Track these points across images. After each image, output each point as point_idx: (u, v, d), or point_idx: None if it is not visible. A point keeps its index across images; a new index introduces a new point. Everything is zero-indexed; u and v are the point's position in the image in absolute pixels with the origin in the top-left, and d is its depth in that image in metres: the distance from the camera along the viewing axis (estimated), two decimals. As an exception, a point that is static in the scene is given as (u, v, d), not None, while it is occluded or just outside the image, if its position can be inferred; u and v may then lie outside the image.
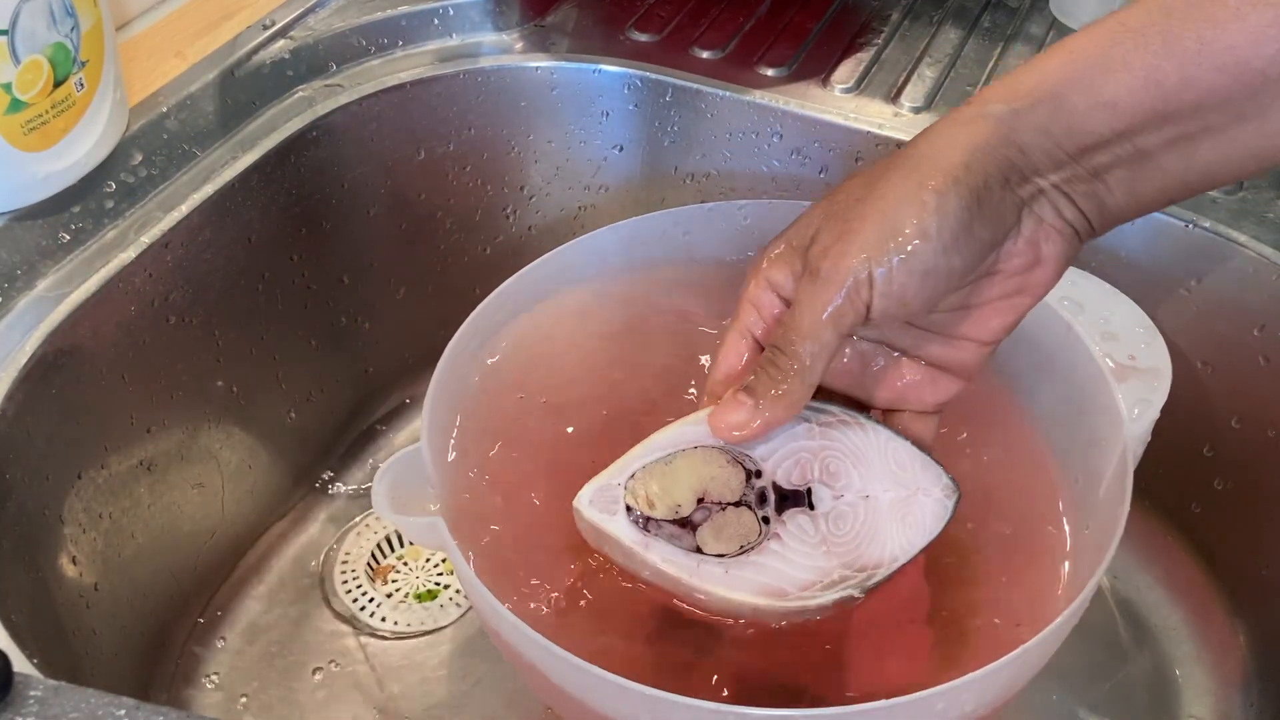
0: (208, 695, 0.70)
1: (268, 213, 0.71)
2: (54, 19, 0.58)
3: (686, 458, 0.49)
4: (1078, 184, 0.46)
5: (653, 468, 0.49)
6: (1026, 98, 0.45)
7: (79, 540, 0.62)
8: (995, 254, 0.46)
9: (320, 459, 0.81)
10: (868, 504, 0.50)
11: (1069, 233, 0.47)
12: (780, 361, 0.47)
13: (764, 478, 0.50)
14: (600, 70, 0.78)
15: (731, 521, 0.49)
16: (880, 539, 0.49)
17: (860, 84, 0.76)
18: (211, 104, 0.70)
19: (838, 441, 0.50)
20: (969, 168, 0.44)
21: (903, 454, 0.51)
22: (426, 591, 0.75)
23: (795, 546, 0.49)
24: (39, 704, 0.39)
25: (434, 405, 0.54)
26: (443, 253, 0.82)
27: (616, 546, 0.49)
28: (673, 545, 0.48)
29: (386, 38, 0.78)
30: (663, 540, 0.48)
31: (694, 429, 0.50)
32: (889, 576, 0.49)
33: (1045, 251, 0.47)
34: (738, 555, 0.48)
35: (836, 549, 0.49)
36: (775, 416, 0.47)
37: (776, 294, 0.49)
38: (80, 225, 0.63)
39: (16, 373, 0.58)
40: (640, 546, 0.48)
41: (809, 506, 0.49)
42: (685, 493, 0.49)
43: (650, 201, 0.82)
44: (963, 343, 0.50)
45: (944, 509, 0.50)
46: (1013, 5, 0.82)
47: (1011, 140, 0.45)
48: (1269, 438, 0.67)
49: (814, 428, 0.50)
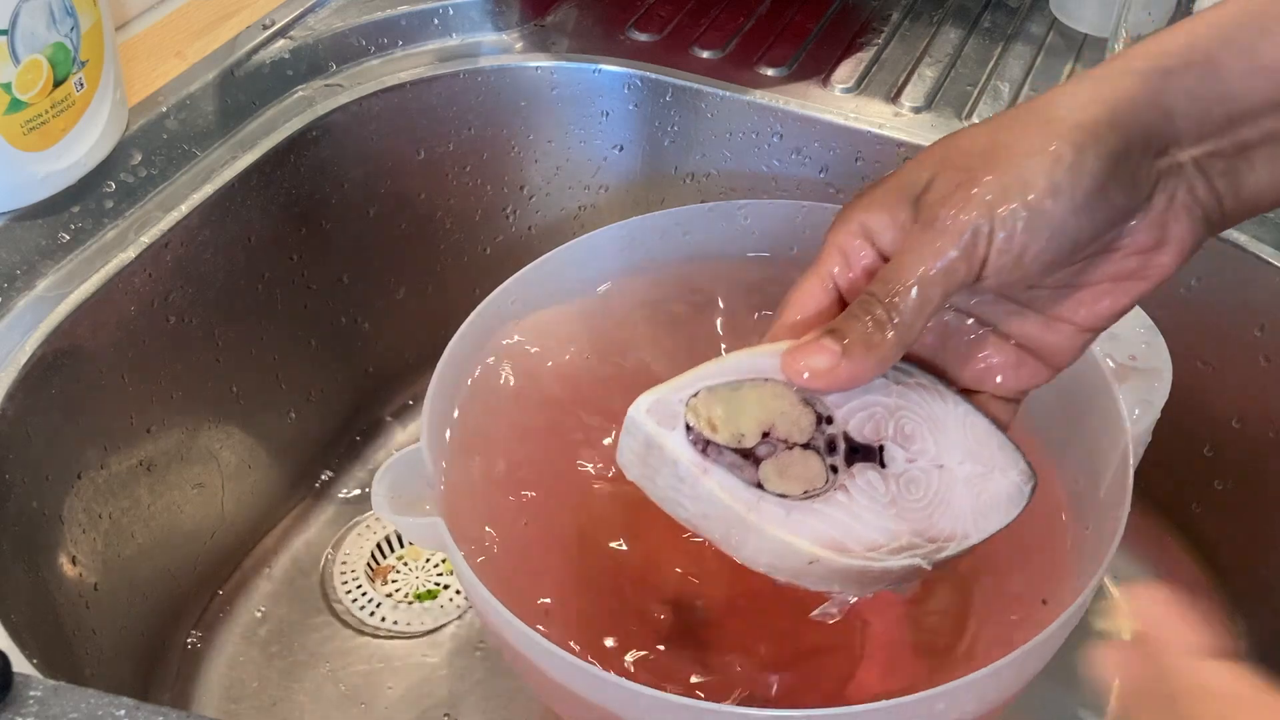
0: (208, 695, 0.70)
1: (267, 213, 0.71)
2: (54, 19, 0.58)
3: (755, 388, 0.45)
4: (1217, 161, 0.42)
5: (718, 391, 0.45)
6: (1177, 57, 0.41)
7: (79, 540, 0.62)
8: (1119, 229, 0.43)
9: (320, 459, 0.81)
10: (942, 474, 0.46)
11: (1199, 215, 0.43)
12: (876, 312, 0.42)
13: (835, 425, 0.45)
14: (600, 70, 0.78)
15: (798, 462, 0.45)
16: (953, 512, 0.46)
17: (860, 84, 0.76)
18: (211, 104, 0.70)
19: (915, 404, 0.46)
20: (1112, 126, 0.41)
21: (981, 430, 0.47)
22: (426, 591, 0.75)
23: (863, 503, 0.45)
24: (38, 704, 0.39)
25: (434, 405, 0.54)
26: (443, 253, 0.82)
27: (667, 467, 0.44)
28: (733, 475, 0.44)
29: (386, 37, 0.78)
30: (722, 467, 0.44)
31: (766, 360, 0.45)
32: (959, 554, 0.46)
33: (1172, 233, 0.43)
34: (801, 499, 0.44)
35: (907, 514, 0.45)
36: (859, 370, 0.43)
37: (870, 242, 0.45)
38: (80, 225, 0.63)
39: (16, 373, 0.58)
40: (697, 469, 0.43)
41: (880, 464, 0.45)
42: (750, 423, 0.45)
43: (650, 201, 0.82)
44: (1062, 325, 0.45)
45: (1021, 494, 0.47)
46: (1013, 5, 0.82)
47: (1158, 103, 0.41)
48: (1269, 438, 0.67)
49: (890, 385, 0.46)
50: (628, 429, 0.45)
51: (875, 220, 0.44)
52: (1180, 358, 0.57)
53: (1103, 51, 0.74)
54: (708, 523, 0.44)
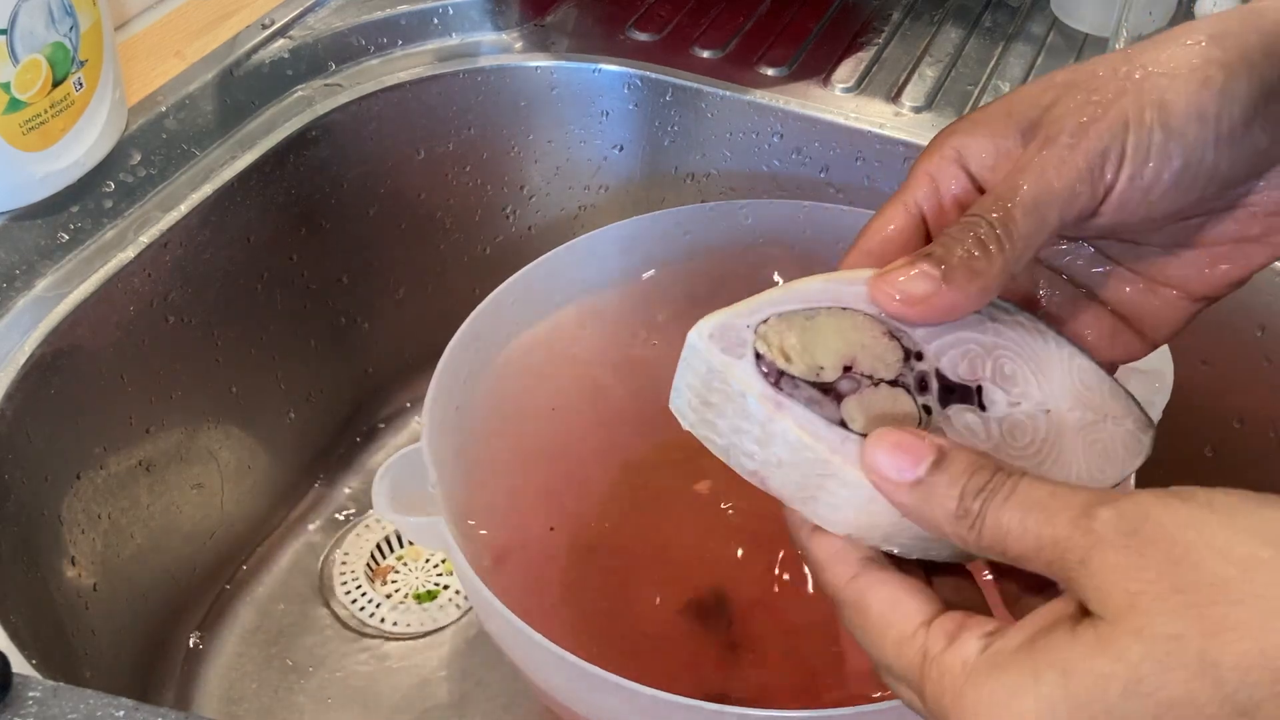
0: (207, 696, 0.70)
1: (267, 212, 0.71)
2: (53, 18, 0.58)
3: (833, 317, 0.39)
4: None
5: (791, 318, 0.39)
6: None
7: (78, 541, 0.62)
8: (1252, 182, 0.38)
9: (320, 459, 0.81)
10: (1049, 419, 0.40)
11: None
12: (983, 234, 0.36)
13: (925, 362, 0.39)
14: (600, 70, 0.78)
15: (885, 401, 0.38)
16: (1065, 462, 0.40)
17: (861, 83, 0.75)
18: (210, 103, 0.70)
19: (1014, 343, 0.41)
20: (1267, 54, 0.36)
21: (1089, 374, 0.41)
22: (426, 592, 0.75)
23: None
24: (38, 705, 0.39)
25: (434, 405, 0.54)
26: (443, 253, 0.82)
27: (733, 405, 0.38)
28: (812, 411, 0.37)
29: (386, 37, 0.77)
30: (799, 403, 0.37)
31: (846, 288, 0.39)
32: None
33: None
34: None
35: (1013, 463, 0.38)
36: (960, 299, 0.37)
37: (965, 170, 0.39)
38: (79, 225, 0.63)
39: (15, 373, 0.58)
40: (770, 404, 0.37)
41: (979, 407, 0.39)
42: (830, 356, 0.38)
43: (650, 201, 0.82)
44: (1168, 292, 0.41)
45: (1139, 444, 0.41)
46: (1014, 4, 0.82)
47: None
48: (1271, 439, 0.67)
49: (985, 321, 0.40)
50: (686, 360, 0.38)
51: (976, 145, 0.39)
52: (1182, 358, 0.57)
53: (1103, 51, 0.74)
54: (781, 472, 0.38)
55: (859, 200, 0.73)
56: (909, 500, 0.34)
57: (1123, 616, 0.29)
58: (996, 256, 0.36)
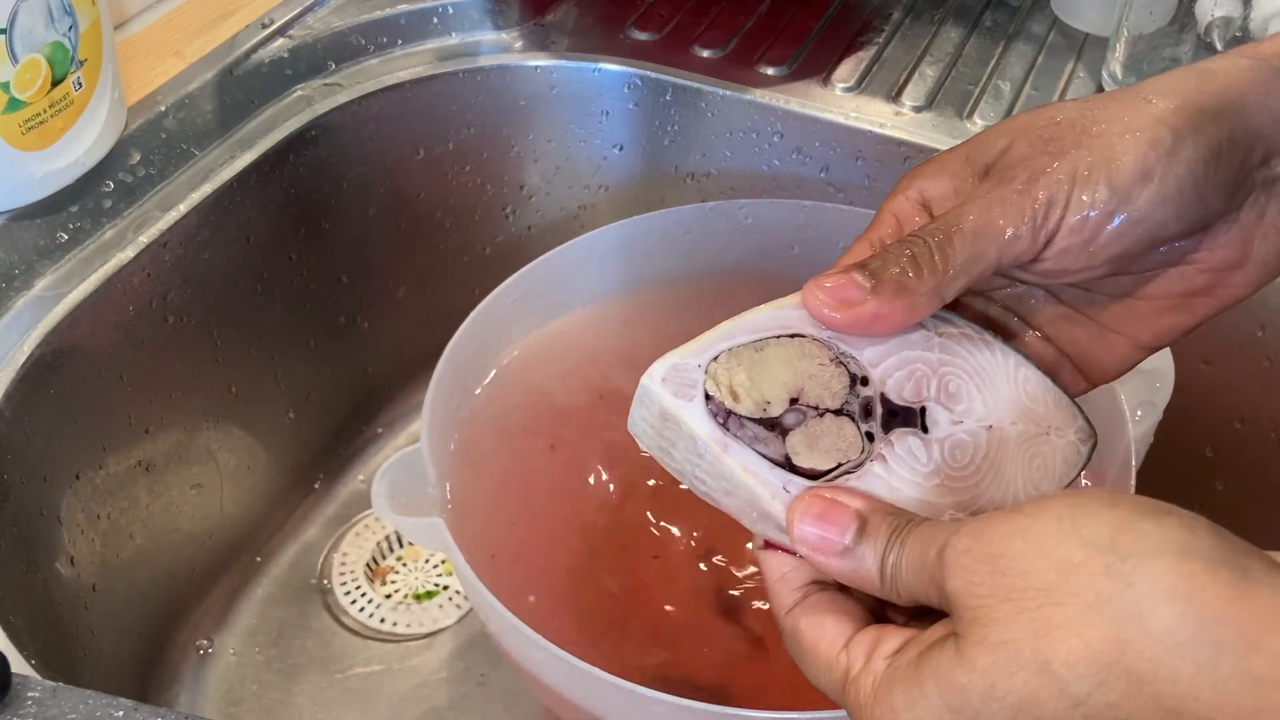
0: (206, 696, 0.70)
1: (266, 212, 0.71)
2: (52, 18, 0.58)
3: (781, 347, 0.41)
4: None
5: (740, 352, 0.40)
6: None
7: (77, 541, 0.62)
8: (1199, 237, 0.39)
9: (319, 459, 0.81)
10: (991, 436, 0.41)
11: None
12: (919, 252, 0.38)
13: (871, 387, 0.41)
14: (600, 69, 0.78)
15: (830, 432, 0.40)
16: (1003, 480, 0.41)
17: (861, 83, 0.75)
18: (210, 103, 0.70)
19: (960, 358, 0.42)
20: (1217, 118, 0.38)
21: (1034, 385, 0.42)
22: (426, 592, 0.75)
23: (903, 474, 0.40)
24: (37, 705, 0.39)
25: (434, 406, 0.54)
26: (443, 253, 0.82)
27: (684, 442, 0.40)
28: (756, 451, 0.39)
29: (385, 37, 0.77)
30: (744, 444, 0.39)
31: (792, 313, 0.41)
32: None
33: (1256, 252, 0.40)
34: (833, 474, 0.40)
35: (951, 484, 0.41)
36: (886, 312, 0.38)
37: (927, 211, 0.41)
38: (78, 225, 0.63)
39: (15, 373, 0.58)
40: (718, 446, 0.39)
41: (921, 428, 0.41)
42: (777, 388, 0.40)
43: (650, 201, 0.82)
44: (1115, 337, 0.42)
45: (1078, 454, 0.43)
46: (1014, 4, 0.82)
47: (1267, 105, 0.38)
48: (1271, 439, 0.67)
49: (933, 337, 0.42)
50: (640, 399, 0.41)
51: (936, 187, 0.41)
52: (1182, 358, 0.57)
53: (1104, 51, 0.74)
54: (729, 499, 0.41)
55: (859, 200, 0.73)
56: (840, 568, 0.37)
57: (970, 629, 0.32)
58: (928, 278, 0.38)
